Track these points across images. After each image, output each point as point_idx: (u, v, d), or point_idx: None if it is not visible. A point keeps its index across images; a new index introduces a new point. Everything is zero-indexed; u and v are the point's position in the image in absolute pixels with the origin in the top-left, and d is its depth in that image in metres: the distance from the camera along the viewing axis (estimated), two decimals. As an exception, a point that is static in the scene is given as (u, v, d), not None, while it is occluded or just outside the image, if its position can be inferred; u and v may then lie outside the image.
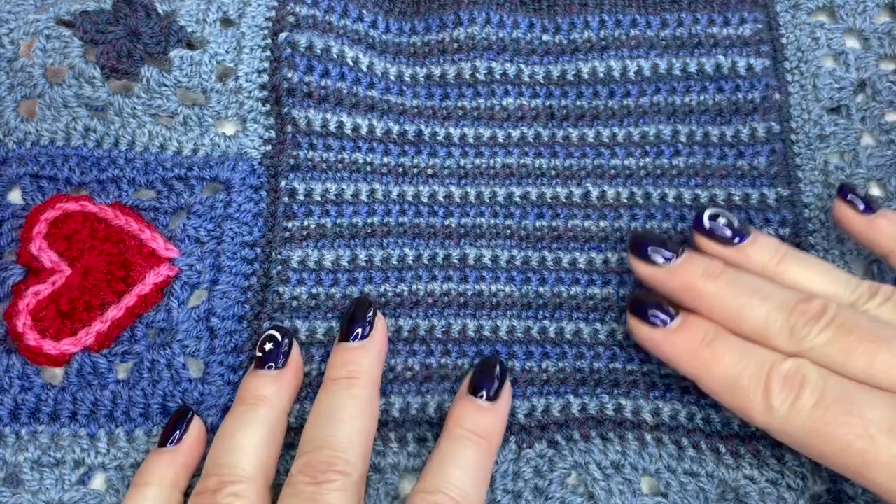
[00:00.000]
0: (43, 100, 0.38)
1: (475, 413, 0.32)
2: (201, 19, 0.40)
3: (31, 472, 0.33)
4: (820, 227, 0.37)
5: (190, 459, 0.33)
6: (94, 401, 0.34)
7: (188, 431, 0.33)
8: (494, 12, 0.41)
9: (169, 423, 0.33)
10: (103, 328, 0.34)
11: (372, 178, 0.39)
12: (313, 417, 0.32)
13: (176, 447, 0.33)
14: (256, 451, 0.31)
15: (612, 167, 0.39)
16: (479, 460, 0.31)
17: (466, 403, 0.32)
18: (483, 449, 0.31)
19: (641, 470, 0.33)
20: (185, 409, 0.34)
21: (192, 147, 0.39)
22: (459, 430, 0.32)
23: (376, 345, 0.34)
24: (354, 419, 0.31)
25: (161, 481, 0.32)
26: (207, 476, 0.31)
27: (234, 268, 0.37)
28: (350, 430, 0.31)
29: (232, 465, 0.31)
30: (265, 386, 0.33)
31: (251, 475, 0.31)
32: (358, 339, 0.34)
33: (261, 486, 0.31)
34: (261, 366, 0.33)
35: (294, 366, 0.34)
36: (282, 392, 0.33)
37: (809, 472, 0.33)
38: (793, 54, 0.41)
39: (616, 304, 0.36)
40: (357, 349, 0.34)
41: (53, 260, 0.35)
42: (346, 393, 0.32)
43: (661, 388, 0.35)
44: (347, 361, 0.33)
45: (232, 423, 0.32)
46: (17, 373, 0.34)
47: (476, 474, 0.31)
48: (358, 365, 0.33)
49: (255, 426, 0.32)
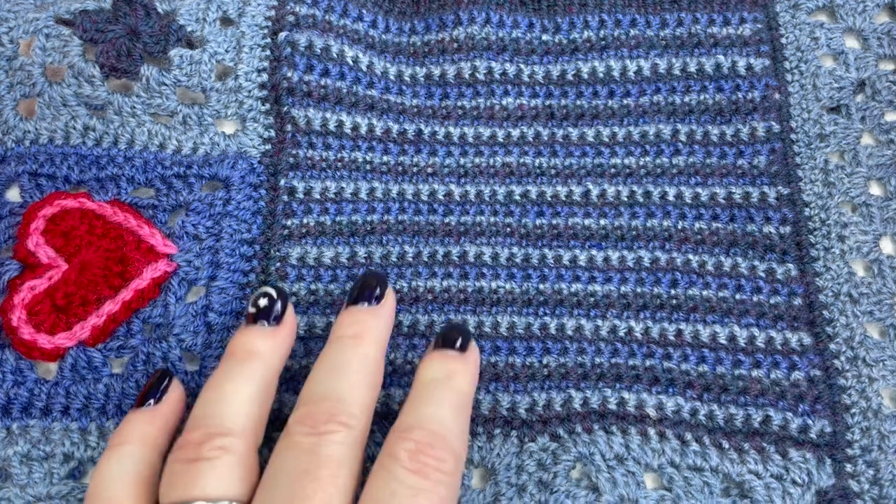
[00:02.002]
0: (42, 98, 0.38)
1: (443, 360, 0.30)
2: (201, 18, 0.40)
3: (20, 467, 0.32)
4: (820, 225, 0.37)
5: (170, 421, 0.31)
6: (87, 395, 0.33)
7: (168, 392, 0.31)
8: (494, 12, 0.41)
9: (147, 383, 0.31)
10: (99, 322, 0.34)
11: (371, 176, 0.39)
12: (315, 372, 0.29)
13: (155, 407, 0.30)
14: (247, 405, 0.28)
15: (612, 166, 0.39)
16: (453, 398, 0.29)
17: (434, 354, 0.31)
18: (456, 387, 0.29)
19: (644, 464, 0.32)
20: (165, 370, 0.32)
21: (191, 146, 0.39)
22: (430, 374, 0.30)
23: (386, 310, 0.32)
24: (360, 374, 0.29)
25: (139, 440, 0.29)
26: (192, 428, 0.28)
27: (233, 264, 0.36)
28: (355, 382, 0.29)
29: (219, 416, 0.28)
30: (258, 340, 0.30)
31: (240, 428, 0.28)
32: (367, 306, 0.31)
33: (250, 443, 0.28)
34: (253, 321, 0.31)
35: (289, 324, 0.31)
36: (275, 349, 0.30)
37: (814, 468, 0.32)
38: (792, 54, 0.41)
39: (617, 301, 0.36)
40: (366, 311, 0.31)
41: (50, 255, 0.35)
42: (353, 350, 0.30)
43: (665, 383, 0.34)
44: (356, 321, 0.31)
45: (220, 376, 0.29)
46: (11, 367, 0.34)
47: (453, 411, 0.28)
48: (366, 325, 0.31)
49: (245, 379, 0.29)
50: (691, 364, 0.35)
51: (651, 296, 0.36)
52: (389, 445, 0.27)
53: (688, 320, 0.36)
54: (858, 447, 0.33)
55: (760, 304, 0.36)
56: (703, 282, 0.37)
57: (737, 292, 0.36)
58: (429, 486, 0.26)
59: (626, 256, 0.37)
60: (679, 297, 0.36)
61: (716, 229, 0.38)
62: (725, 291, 0.36)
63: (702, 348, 0.35)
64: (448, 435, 0.28)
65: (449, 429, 0.28)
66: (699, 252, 0.37)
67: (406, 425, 0.28)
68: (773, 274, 0.37)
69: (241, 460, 0.27)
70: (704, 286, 0.36)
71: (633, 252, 0.37)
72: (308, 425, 0.27)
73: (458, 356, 0.30)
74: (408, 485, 0.26)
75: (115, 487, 0.28)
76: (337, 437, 0.27)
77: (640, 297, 0.36)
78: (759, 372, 0.35)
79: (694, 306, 0.36)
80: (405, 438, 0.27)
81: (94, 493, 0.28)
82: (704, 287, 0.36)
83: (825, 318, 0.36)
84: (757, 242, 0.37)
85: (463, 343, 0.31)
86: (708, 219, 0.38)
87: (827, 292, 0.36)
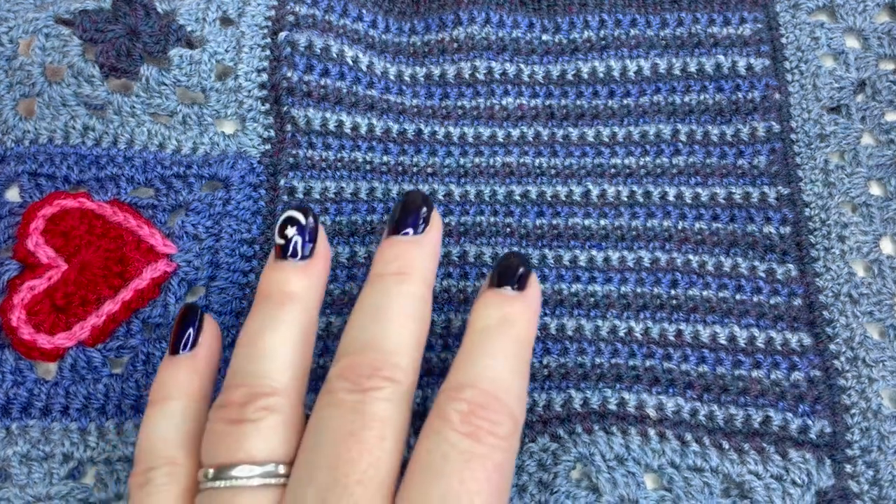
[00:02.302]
0: (42, 98, 0.38)
1: (500, 302, 0.27)
2: (201, 18, 0.40)
3: (20, 467, 0.32)
4: (820, 225, 0.37)
5: (212, 365, 0.28)
6: (87, 395, 0.33)
7: (203, 331, 0.28)
8: (494, 12, 0.41)
9: (176, 324, 0.28)
10: (98, 322, 0.34)
11: (371, 176, 0.39)
12: (356, 316, 0.27)
13: (193, 352, 0.28)
14: (290, 358, 0.26)
15: (612, 166, 0.39)
16: (510, 349, 0.26)
17: (489, 294, 0.27)
18: (515, 336, 0.26)
19: (645, 465, 0.32)
20: (191, 305, 0.29)
21: (191, 146, 0.39)
22: (484, 320, 0.26)
23: (432, 241, 0.29)
24: (405, 318, 0.26)
25: (185, 393, 0.27)
26: (233, 386, 0.26)
27: (233, 264, 0.36)
28: (402, 330, 0.26)
29: (261, 374, 0.26)
30: (293, 279, 0.27)
31: (285, 386, 0.26)
32: (410, 234, 0.28)
33: (295, 400, 0.26)
34: (282, 255, 0.28)
35: (324, 253, 0.29)
36: (312, 287, 0.28)
37: (814, 468, 0.32)
38: (793, 54, 0.41)
39: (617, 302, 0.36)
40: (409, 243, 0.28)
41: (50, 255, 0.35)
42: (396, 289, 0.27)
43: (665, 384, 0.34)
44: (398, 255, 0.28)
45: (257, 325, 0.27)
46: (10, 367, 0.34)
47: (511, 364, 0.26)
48: (409, 258, 0.28)
49: (285, 327, 0.26)
50: (691, 364, 0.35)
51: (651, 296, 0.36)
52: (440, 406, 0.25)
53: (688, 320, 0.36)
54: (858, 448, 0.33)
55: (760, 304, 0.36)
56: (703, 282, 0.37)
57: (737, 293, 0.36)
58: (483, 452, 0.24)
59: (626, 256, 0.37)
60: (679, 297, 0.36)
61: (716, 229, 0.38)
62: (725, 292, 0.36)
63: (702, 349, 0.35)
64: (504, 395, 0.25)
65: (505, 387, 0.25)
66: (699, 252, 0.37)
67: (457, 383, 0.25)
68: (774, 274, 0.37)
69: (286, 419, 0.26)
70: (704, 286, 0.36)
71: (633, 252, 0.37)
72: (350, 380, 0.25)
73: (515, 297, 0.27)
74: (461, 449, 0.24)
75: (170, 447, 0.27)
76: (383, 393, 0.25)
77: (640, 297, 0.36)
78: (759, 372, 0.35)
79: (694, 306, 0.36)
80: (456, 398, 0.25)
81: (147, 454, 0.27)
82: (704, 287, 0.36)
83: (825, 319, 0.36)
84: (757, 243, 0.37)
85: (521, 280, 0.27)
86: (708, 219, 0.38)
87: (827, 293, 0.36)
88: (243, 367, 0.26)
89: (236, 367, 0.26)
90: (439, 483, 0.23)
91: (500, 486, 0.24)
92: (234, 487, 0.24)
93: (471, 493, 0.23)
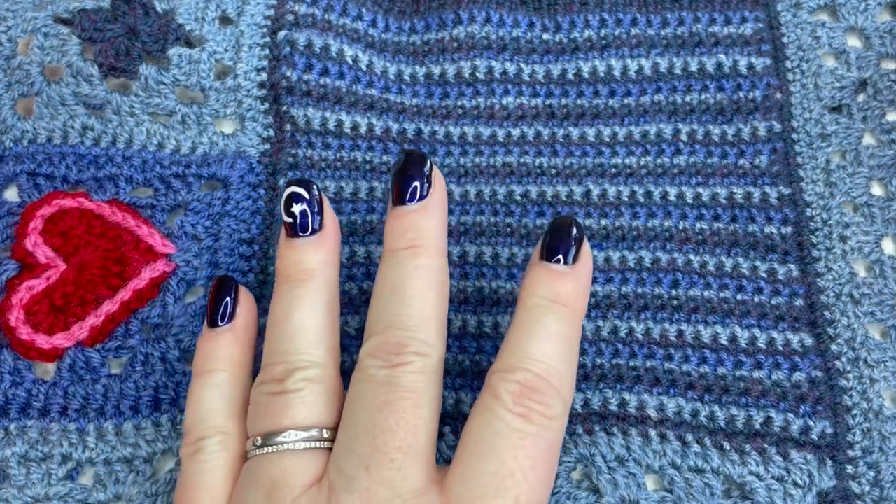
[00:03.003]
0: (40, 98, 0.38)
1: (550, 278, 0.27)
2: (200, 17, 0.40)
3: (18, 467, 0.32)
4: (822, 225, 0.37)
5: (251, 335, 0.29)
6: (86, 395, 0.33)
7: (239, 303, 0.29)
8: (494, 11, 0.41)
9: (211, 296, 0.29)
10: (97, 322, 0.34)
11: (371, 176, 0.39)
12: (377, 295, 0.27)
13: (233, 325, 0.29)
14: (320, 332, 0.27)
15: (612, 166, 0.39)
16: (561, 330, 0.26)
17: (540, 269, 0.27)
18: (565, 316, 0.26)
19: (646, 466, 0.32)
20: (226, 277, 0.30)
21: (190, 145, 0.38)
22: (535, 299, 0.27)
23: (437, 205, 0.29)
24: (425, 293, 0.27)
25: (228, 364, 0.28)
26: (271, 364, 0.27)
27: (232, 264, 0.36)
28: (422, 305, 0.27)
29: (296, 350, 0.27)
30: (309, 255, 0.28)
31: (320, 357, 0.27)
32: (416, 199, 0.28)
33: (332, 370, 0.27)
34: (293, 233, 0.28)
35: (332, 224, 0.29)
36: (328, 259, 0.28)
37: (816, 469, 0.32)
38: (794, 53, 0.40)
39: (618, 302, 0.36)
40: (416, 212, 0.28)
41: (48, 255, 0.35)
42: (411, 263, 0.27)
43: (666, 384, 0.34)
44: (407, 227, 0.28)
45: (284, 305, 0.28)
46: (9, 368, 0.34)
47: (561, 346, 0.26)
48: (420, 231, 0.28)
49: (311, 304, 0.27)
50: (692, 365, 0.35)
51: (652, 296, 0.36)
52: (492, 386, 0.26)
53: (689, 321, 0.36)
54: (859, 448, 0.33)
55: (762, 304, 0.36)
56: (704, 282, 0.36)
57: (738, 293, 0.36)
58: (535, 431, 0.25)
59: (627, 257, 0.37)
60: (680, 297, 0.36)
61: (717, 229, 0.37)
62: (727, 292, 0.36)
63: (703, 349, 0.35)
64: (555, 379, 0.26)
65: (556, 372, 0.26)
66: (700, 252, 0.37)
67: (510, 365, 0.26)
68: (775, 274, 0.36)
69: (325, 387, 0.27)
70: (706, 287, 0.36)
71: (634, 252, 0.37)
72: (380, 358, 0.26)
73: (566, 272, 0.27)
74: (513, 427, 0.25)
75: (219, 416, 0.28)
76: (413, 367, 0.26)
77: (641, 297, 0.36)
78: (760, 373, 0.34)
79: (695, 307, 0.36)
80: (509, 380, 0.25)
81: (197, 424, 0.28)
82: (706, 287, 0.36)
83: (827, 319, 0.35)
84: (758, 243, 0.37)
85: (574, 250, 0.27)
86: (709, 219, 0.38)
87: (828, 293, 0.36)
88: (278, 347, 0.27)
89: (271, 347, 0.28)
90: (492, 459, 0.24)
91: (550, 463, 0.25)
92: (281, 451, 0.26)
93: (524, 469, 0.24)
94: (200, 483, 0.27)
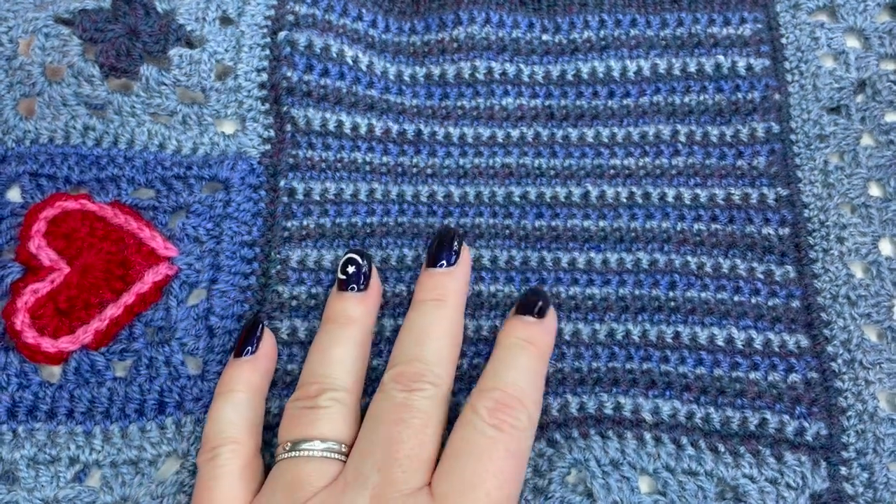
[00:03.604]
0: (42, 98, 0.38)
1: (523, 326, 0.33)
2: (200, 18, 0.40)
3: (27, 470, 0.32)
4: (819, 226, 0.37)
5: (269, 367, 0.35)
6: (91, 398, 0.34)
7: (262, 340, 0.35)
8: (494, 12, 0.41)
9: (241, 335, 0.35)
10: (101, 326, 0.34)
11: (371, 177, 0.39)
12: (404, 334, 0.34)
13: (255, 355, 0.34)
14: (352, 366, 0.33)
15: (611, 167, 0.39)
16: (530, 364, 0.32)
17: (515, 320, 0.34)
18: (533, 353, 0.33)
19: (640, 469, 0.33)
20: (256, 320, 0.35)
21: (191, 146, 0.39)
22: (510, 339, 0.33)
23: (462, 270, 0.35)
24: (443, 337, 0.33)
25: (247, 387, 0.33)
26: (306, 384, 0.33)
27: (234, 267, 0.37)
28: (439, 346, 0.33)
29: (330, 376, 0.32)
30: (352, 307, 0.34)
31: (349, 385, 0.33)
32: (444, 266, 0.35)
33: (355, 397, 0.33)
34: (344, 287, 0.35)
35: (376, 288, 0.36)
36: (367, 312, 0.35)
37: (809, 471, 0.33)
38: (793, 54, 0.40)
39: (615, 304, 0.36)
40: (444, 274, 0.35)
41: (52, 258, 0.35)
42: (435, 312, 0.34)
43: (661, 387, 0.34)
44: (436, 285, 0.34)
45: (326, 340, 0.34)
46: (15, 370, 0.34)
47: (529, 375, 0.32)
48: (445, 288, 0.34)
49: (348, 343, 0.33)
50: (689, 367, 0.35)
51: (649, 298, 0.36)
52: (472, 403, 0.31)
53: (686, 322, 0.36)
54: (854, 450, 0.33)
55: (758, 305, 0.36)
56: (701, 283, 0.37)
57: (735, 294, 0.36)
58: (505, 438, 0.30)
59: (624, 258, 0.37)
60: (677, 298, 0.36)
61: (714, 230, 0.38)
62: (724, 293, 0.36)
63: (699, 350, 0.35)
64: (524, 397, 0.31)
65: (525, 392, 0.31)
66: (698, 253, 0.37)
67: (487, 387, 0.32)
68: (772, 276, 0.37)
69: (348, 411, 0.32)
70: (703, 288, 0.37)
71: (631, 254, 0.37)
72: (401, 383, 0.31)
73: (536, 323, 0.34)
74: (487, 435, 0.30)
75: (234, 430, 0.32)
76: (425, 393, 0.31)
77: (638, 299, 0.36)
78: (756, 374, 0.35)
79: (692, 308, 0.36)
80: (486, 398, 0.31)
81: (215, 435, 0.32)
82: (703, 289, 0.37)
83: (823, 321, 0.36)
84: (756, 244, 0.37)
85: (541, 309, 0.34)
86: (707, 220, 0.38)
87: (825, 294, 0.36)
88: (316, 370, 0.33)
89: (310, 369, 0.33)
90: (470, 460, 0.30)
91: (519, 466, 0.31)
92: (304, 457, 0.31)
93: (496, 469, 0.29)
94: (215, 485, 0.31)
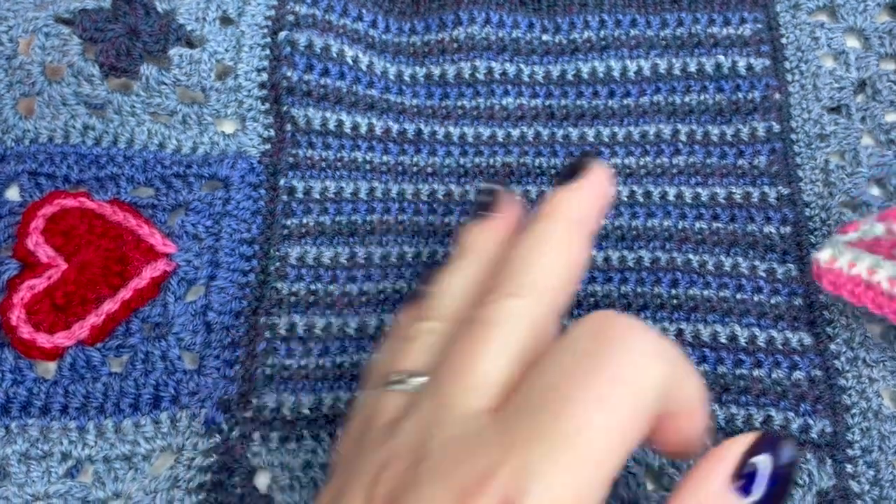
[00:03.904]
0: (42, 97, 0.38)
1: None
2: (201, 17, 0.40)
3: (18, 465, 0.32)
4: (821, 225, 0.37)
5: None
6: (86, 394, 0.33)
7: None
8: (494, 12, 0.41)
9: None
10: (98, 321, 0.34)
11: (371, 176, 0.39)
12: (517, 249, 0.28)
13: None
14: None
15: (612, 166, 0.39)
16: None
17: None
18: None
19: (645, 465, 0.32)
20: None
21: (191, 145, 0.39)
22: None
23: (588, 185, 0.29)
24: (549, 252, 0.27)
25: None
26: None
27: (232, 264, 0.36)
28: (543, 258, 0.27)
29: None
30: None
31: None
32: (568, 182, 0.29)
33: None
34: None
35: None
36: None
37: (815, 469, 0.32)
38: (793, 54, 0.41)
39: (617, 302, 0.36)
40: (563, 188, 0.29)
41: (50, 255, 0.35)
42: (542, 226, 0.28)
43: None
44: (561, 199, 0.28)
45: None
46: (10, 366, 0.34)
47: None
48: (560, 203, 0.28)
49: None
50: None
51: (651, 296, 0.36)
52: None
53: (688, 320, 0.36)
54: (859, 448, 0.33)
55: (761, 304, 0.36)
56: (703, 281, 0.36)
57: (737, 292, 0.36)
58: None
59: (626, 256, 0.37)
60: (680, 296, 0.36)
61: (716, 229, 0.38)
62: (726, 291, 0.36)
63: (702, 348, 0.35)
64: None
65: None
66: (699, 252, 0.37)
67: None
68: (774, 274, 0.37)
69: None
70: (705, 286, 0.36)
71: (633, 252, 0.37)
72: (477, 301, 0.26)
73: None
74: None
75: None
76: (507, 303, 0.25)
77: (640, 297, 0.36)
78: (760, 371, 0.34)
79: (694, 306, 0.36)
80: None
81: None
82: (705, 287, 0.36)
83: (826, 319, 0.36)
84: (757, 242, 0.37)
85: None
86: (708, 219, 0.38)
87: (827, 292, 0.36)
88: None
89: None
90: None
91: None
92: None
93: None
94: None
